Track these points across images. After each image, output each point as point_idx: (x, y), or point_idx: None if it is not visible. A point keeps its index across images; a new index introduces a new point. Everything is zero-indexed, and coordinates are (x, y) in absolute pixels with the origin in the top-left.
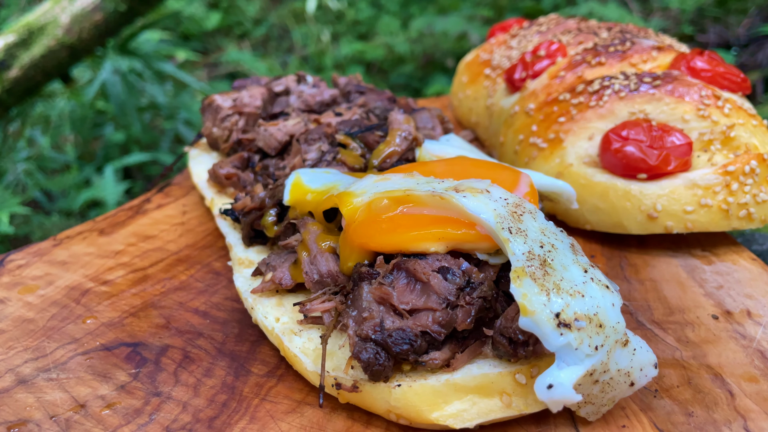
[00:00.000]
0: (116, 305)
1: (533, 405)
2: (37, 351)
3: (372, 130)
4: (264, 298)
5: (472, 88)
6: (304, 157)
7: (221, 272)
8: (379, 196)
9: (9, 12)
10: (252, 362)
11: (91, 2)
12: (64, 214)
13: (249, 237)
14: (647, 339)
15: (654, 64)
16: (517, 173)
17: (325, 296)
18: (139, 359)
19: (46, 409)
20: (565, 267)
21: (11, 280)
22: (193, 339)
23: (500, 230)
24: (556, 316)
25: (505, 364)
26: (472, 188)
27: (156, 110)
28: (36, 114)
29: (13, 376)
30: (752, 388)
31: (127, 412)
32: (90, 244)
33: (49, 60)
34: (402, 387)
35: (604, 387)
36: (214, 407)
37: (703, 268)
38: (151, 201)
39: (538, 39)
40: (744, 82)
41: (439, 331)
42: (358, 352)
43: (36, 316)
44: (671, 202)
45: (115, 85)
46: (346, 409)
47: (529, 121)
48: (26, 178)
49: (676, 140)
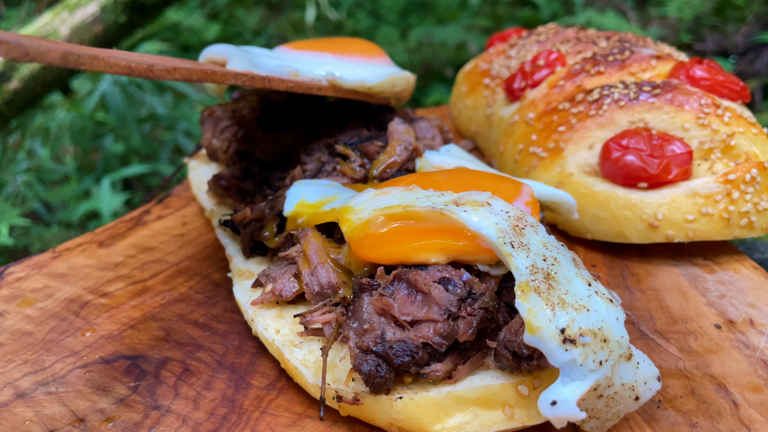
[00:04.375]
0: (115, 318)
1: (536, 417)
2: (35, 364)
3: (372, 140)
4: (264, 310)
5: (471, 98)
6: (304, 167)
7: (221, 284)
8: (378, 214)
9: (9, 24)
10: (252, 375)
11: (91, 14)
12: (63, 226)
13: (249, 248)
14: (650, 349)
15: (653, 73)
16: (518, 184)
17: (325, 308)
18: (139, 372)
19: (44, 423)
20: (569, 280)
21: (10, 293)
22: (192, 351)
23: (502, 245)
24: (561, 332)
25: (508, 375)
26: (472, 201)
27: (155, 121)
28: (36, 125)
29: (12, 390)
30: (756, 398)
31: (126, 425)
32: (89, 256)
33: (49, 72)
34: (404, 399)
35: (608, 402)
36: (214, 420)
37: (705, 277)
38: (151, 212)
39: (537, 48)
40: (743, 90)
41: (440, 343)
42: (359, 364)
43: (35, 329)
44: (672, 211)
45: (114, 97)
46: (347, 422)
47: (529, 130)
48: (26, 190)
49: (677, 149)
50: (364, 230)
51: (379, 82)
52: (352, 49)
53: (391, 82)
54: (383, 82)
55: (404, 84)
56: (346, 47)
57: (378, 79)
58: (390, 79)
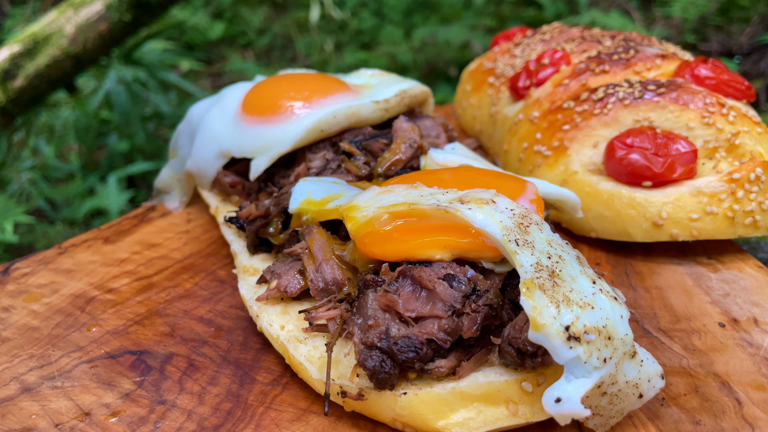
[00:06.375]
0: (121, 313)
1: (540, 413)
2: (41, 359)
3: (377, 138)
4: (269, 306)
5: (475, 97)
6: (309, 165)
7: (226, 280)
8: (382, 212)
9: (14, 22)
10: (257, 370)
11: (96, 12)
12: (68, 223)
13: (254, 245)
14: (654, 347)
15: (658, 72)
16: (523, 182)
17: (330, 304)
18: (144, 367)
19: (50, 417)
20: (573, 278)
21: (16, 288)
22: (197, 347)
23: (507, 243)
24: (566, 329)
25: (512, 372)
26: (477, 199)
27: (160, 119)
28: (41, 123)
29: (18, 384)
30: (760, 396)
31: (131, 420)
32: (95, 253)
33: (54, 70)
34: (408, 395)
35: (612, 399)
36: (219, 415)
37: (709, 276)
38: (156, 209)
39: (541, 47)
40: (748, 89)
41: (444, 339)
42: (364, 359)
43: (41, 324)
44: (676, 210)
45: (119, 95)
46: (352, 418)
47: (533, 129)
48: (30, 187)
49: (681, 148)
50: (369, 227)
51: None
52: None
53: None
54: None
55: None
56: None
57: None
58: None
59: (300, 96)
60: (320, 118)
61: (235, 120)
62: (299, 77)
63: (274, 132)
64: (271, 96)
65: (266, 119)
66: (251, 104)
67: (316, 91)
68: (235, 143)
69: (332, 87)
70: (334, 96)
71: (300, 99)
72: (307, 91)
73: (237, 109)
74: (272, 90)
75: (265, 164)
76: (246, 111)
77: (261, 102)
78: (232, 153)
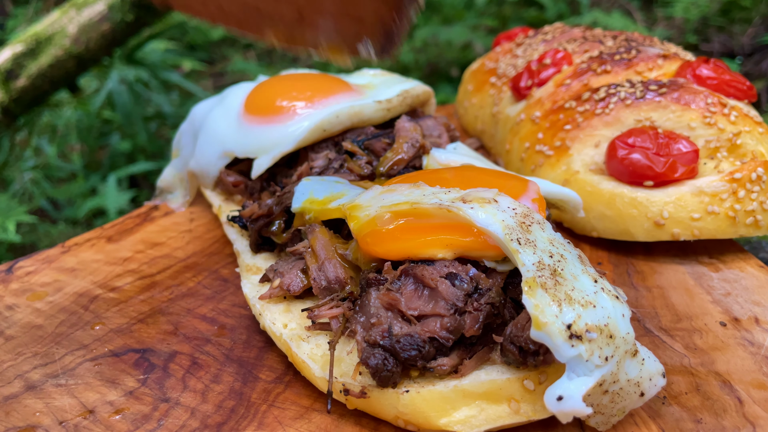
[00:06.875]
0: (124, 311)
1: (541, 411)
2: (45, 357)
3: (379, 138)
4: (272, 305)
5: (477, 97)
6: (312, 164)
7: (229, 279)
8: (385, 211)
9: (17, 22)
10: (260, 368)
11: (98, 12)
12: (70, 223)
13: (257, 244)
14: (655, 346)
15: (660, 72)
16: (525, 181)
17: (333, 302)
18: (147, 365)
19: (54, 414)
20: (575, 277)
21: (20, 287)
22: (200, 345)
23: (509, 242)
24: (568, 328)
25: (514, 370)
26: (479, 198)
27: (162, 119)
28: (43, 123)
29: (22, 382)
30: (761, 395)
31: (135, 417)
32: (98, 251)
33: (57, 70)
34: (410, 393)
35: (613, 397)
36: (222, 413)
37: (711, 275)
38: (159, 208)
39: (543, 47)
40: (750, 89)
41: (447, 337)
42: (366, 357)
43: (45, 322)
44: (678, 210)
45: (121, 95)
46: (354, 415)
47: (535, 128)
48: (33, 187)
49: (683, 147)
50: (371, 226)
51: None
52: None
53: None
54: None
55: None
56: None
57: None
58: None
59: (302, 96)
60: (323, 117)
61: (238, 120)
62: (302, 77)
63: (277, 132)
64: (273, 96)
65: (269, 119)
66: (254, 104)
67: (319, 91)
68: (238, 143)
69: (334, 87)
70: (336, 96)
71: (302, 99)
72: (309, 91)
73: (240, 109)
74: (275, 90)
75: (267, 163)
76: (249, 111)
77: (264, 102)
78: (235, 153)
